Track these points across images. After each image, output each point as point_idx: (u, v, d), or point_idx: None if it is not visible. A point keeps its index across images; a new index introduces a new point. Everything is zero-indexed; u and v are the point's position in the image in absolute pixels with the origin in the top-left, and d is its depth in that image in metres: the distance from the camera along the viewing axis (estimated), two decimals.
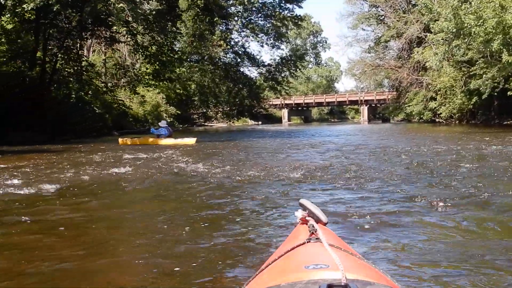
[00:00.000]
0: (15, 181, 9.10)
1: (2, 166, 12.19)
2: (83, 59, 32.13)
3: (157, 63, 33.33)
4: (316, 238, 1.84)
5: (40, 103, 28.32)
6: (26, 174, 10.42)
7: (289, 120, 77.77)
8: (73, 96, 31.43)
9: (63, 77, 30.94)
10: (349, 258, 1.71)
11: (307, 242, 1.85)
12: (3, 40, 29.76)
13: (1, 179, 9.41)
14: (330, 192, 7.50)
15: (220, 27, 54.32)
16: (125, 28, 29.96)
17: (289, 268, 1.64)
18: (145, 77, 36.50)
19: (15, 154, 16.77)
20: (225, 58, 57.86)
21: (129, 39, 32.56)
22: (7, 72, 29.21)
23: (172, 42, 34.15)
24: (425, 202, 6.36)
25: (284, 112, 78.74)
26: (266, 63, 58.42)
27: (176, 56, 35.97)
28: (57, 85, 31.09)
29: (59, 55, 29.35)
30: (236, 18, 55.37)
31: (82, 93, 31.54)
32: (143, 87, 40.72)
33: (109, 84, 35.51)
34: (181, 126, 48.74)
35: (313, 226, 1.96)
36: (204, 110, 61.11)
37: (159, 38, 32.88)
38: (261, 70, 58.44)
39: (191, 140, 20.87)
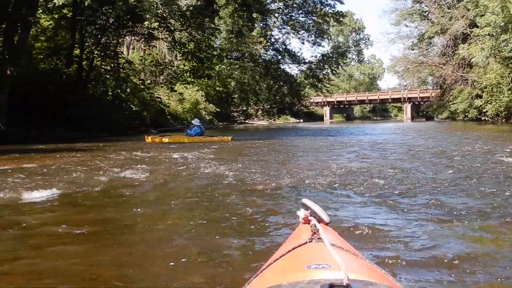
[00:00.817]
0: (26, 182, 8.44)
1: (26, 165, 11.45)
2: (120, 56, 31.55)
3: (195, 59, 32.61)
4: (318, 238, 1.83)
5: (77, 101, 27.92)
6: (45, 174, 9.77)
7: (330, 118, 76.40)
8: (110, 93, 30.95)
9: (100, 74, 30.51)
10: (351, 258, 1.70)
11: (309, 241, 1.83)
12: (41, 37, 29.51)
13: (17, 180, 8.80)
14: (358, 200, 6.49)
15: (260, 24, 53.53)
16: (157, 24, 29.30)
17: (290, 267, 1.62)
18: (183, 74, 35.78)
19: (45, 152, 16.02)
20: (266, 55, 57.00)
21: (166, 35, 31.96)
22: (44, 69, 28.95)
23: (210, 39, 33.34)
24: (470, 219, 5.24)
25: (326, 110, 77.36)
26: (307, 60, 57.43)
27: (214, 53, 35.09)
28: (94, 82, 30.69)
29: (96, 52, 28.86)
30: (276, 15, 54.53)
31: (119, 91, 31.00)
32: (181, 85, 40.13)
33: (146, 82, 34.80)
34: (220, 124, 48.01)
35: (315, 226, 1.95)
36: (244, 108, 60.16)
37: (196, 35, 32.17)
38: (302, 67, 57.48)
39: (226, 137, 20.25)
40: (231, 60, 53.57)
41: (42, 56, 29.08)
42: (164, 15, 27.90)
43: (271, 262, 1.82)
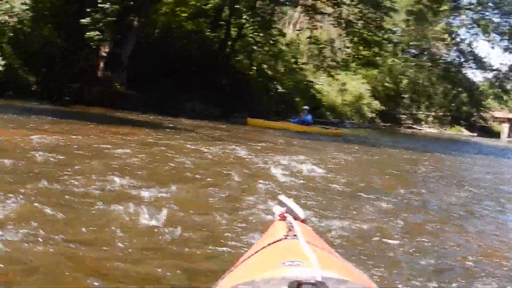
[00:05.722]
0: None
1: None
2: (274, 26, 25.31)
3: (362, 42, 25.64)
4: (293, 235, 1.72)
5: (216, 71, 22.52)
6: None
7: (508, 136, 64.95)
8: (255, 68, 25.01)
9: (247, 44, 24.70)
10: (325, 256, 1.60)
11: (284, 238, 1.74)
12: None
13: None
14: None
15: (446, 19, 44.99)
16: None
17: (264, 264, 1.53)
18: (348, 58, 28.86)
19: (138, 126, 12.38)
20: (447, 56, 48.42)
21: (332, 10, 25.41)
22: (185, 31, 23.84)
23: (383, 18, 25.82)
24: None
25: (505, 127, 65.96)
26: (494, 67, 48.06)
27: (386, 36, 27.59)
28: (239, 53, 25.04)
29: (246, 17, 22.91)
30: (467, 11, 45.50)
31: (266, 66, 24.91)
32: (346, 74, 33.45)
33: (299, 63, 28.10)
34: (383, 124, 40.38)
35: (290, 223, 1.89)
36: (414, 111, 51.36)
37: (368, 12, 25.10)
38: (488, 75, 48.42)
39: (338, 131, 19.23)
40: (407, 56, 45.53)
41: (186, 15, 23.86)
42: None
43: (245, 258, 1.71)
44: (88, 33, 17.86)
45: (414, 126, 49.15)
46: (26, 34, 17.59)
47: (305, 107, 19.30)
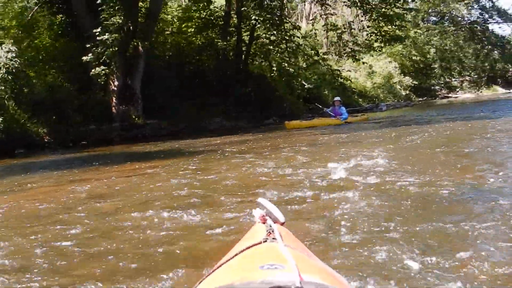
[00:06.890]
0: None
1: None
2: (286, 21, 23.43)
3: (381, 18, 23.53)
4: (273, 238, 1.66)
5: (236, 81, 20.91)
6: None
7: None
8: (274, 69, 23.20)
9: (262, 46, 22.95)
10: (304, 260, 1.54)
11: (264, 241, 1.65)
12: (193, 7, 22.87)
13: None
14: None
15: None
16: None
17: (243, 267, 1.48)
18: (370, 39, 26.74)
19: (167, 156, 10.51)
20: (469, 16, 45.62)
21: None
22: (196, 46, 22.31)
23: None
24: None
25: None
26: None
27: (406, 6, 25.25)
28: (256, 57, 23.34)
29: (255, 18, 21.10)
30: None
31: (286, 65, 23.02)
32: (370, 56, 31.34)
33: (321, 53, 25.86)
34: (418, 100, 38.13)
35: (270, 226, 1.80)
36: (447, 79, 48.41)
37: None
38: None
39: (364, 116, 18.51)
40: (429, 24, 42.98)
41: (193, 29, 22.30)
42: None
43: (224, 262, 1.63)
44: (93, 70, 16.41)
45: (449, 95, 46.46)
46: (29, 84, 16.18)
47: (336, 98, 17.89)
